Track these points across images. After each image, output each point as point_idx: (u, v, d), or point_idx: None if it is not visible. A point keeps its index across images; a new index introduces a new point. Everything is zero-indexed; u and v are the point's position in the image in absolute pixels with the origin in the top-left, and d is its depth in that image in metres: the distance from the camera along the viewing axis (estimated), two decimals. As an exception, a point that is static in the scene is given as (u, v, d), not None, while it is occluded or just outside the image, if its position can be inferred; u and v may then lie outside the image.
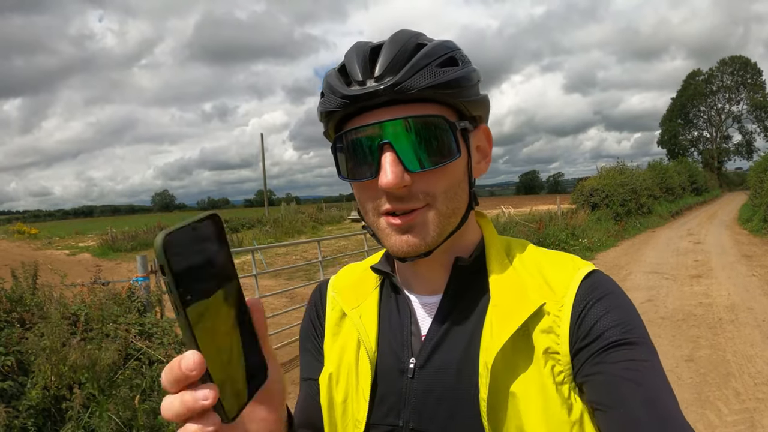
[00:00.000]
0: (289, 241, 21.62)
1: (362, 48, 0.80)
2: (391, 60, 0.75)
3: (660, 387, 0.71)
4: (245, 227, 29.76)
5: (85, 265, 18.82)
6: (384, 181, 0.75)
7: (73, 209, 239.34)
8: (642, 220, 22.52)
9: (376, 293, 0.94)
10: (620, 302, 0.80)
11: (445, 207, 0.80)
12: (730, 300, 8.39)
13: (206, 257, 0.52)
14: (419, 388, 0.83)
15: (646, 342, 0.76)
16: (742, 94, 64.62)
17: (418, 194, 0.78)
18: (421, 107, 0.77)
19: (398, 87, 0.74)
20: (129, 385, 3.78)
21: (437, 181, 0.79)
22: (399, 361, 0.86)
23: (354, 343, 0.91)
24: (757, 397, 4.73)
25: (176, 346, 4.50)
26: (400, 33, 0.81)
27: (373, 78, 0.76)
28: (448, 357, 0.83)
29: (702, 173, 45.01)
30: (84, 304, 4.38)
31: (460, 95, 0.79)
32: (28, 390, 3.53)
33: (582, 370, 0.75)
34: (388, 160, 0.76)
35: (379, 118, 0.76)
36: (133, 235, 26.33)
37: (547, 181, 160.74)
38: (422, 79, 0.75)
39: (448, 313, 0.86)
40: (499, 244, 0.90)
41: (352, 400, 0.88)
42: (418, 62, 0.76)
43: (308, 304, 1.06)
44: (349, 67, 0.79)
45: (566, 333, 0.76)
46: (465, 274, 0.87)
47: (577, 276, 0.81)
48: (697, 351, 6.08)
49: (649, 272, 11.24)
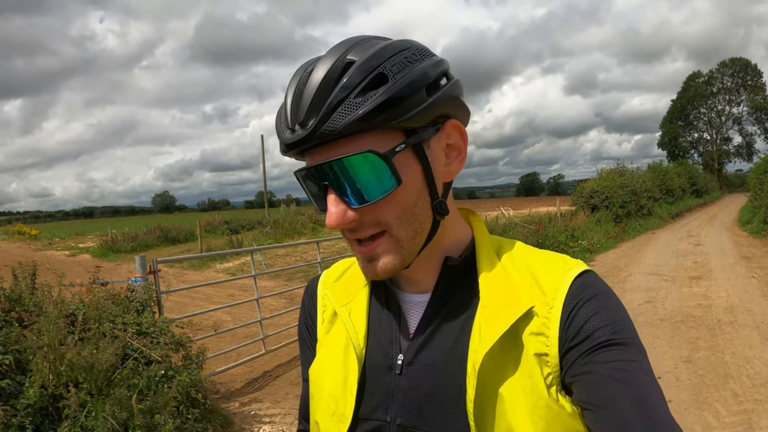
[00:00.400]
0: (289, 241, 21.63)
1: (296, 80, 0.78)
2: (311, 101, 0.73)
3: (649, 387, 0.71)
4: (245, 228, 29.73)
5: (85, 265, 18.83)
6: (328, 222, 0.76)
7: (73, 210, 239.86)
8: (642, 222, 22.49)
9: (366, 291, 0.95)
10: (610, 303, 0.79)
11: (404, 232, 0.80)
12: (729, 301, 8.39)
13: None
14: (407, 384, 0.84)
15: (635, 342, 0.76)
16: (743, 95, 64.64)
17: (369, 223, 0.79)
18: (351, 143, 0.74)
19: (318, 133, 0.72)
20: (126, 384, 3.79)
21: (386, 211, 0.78)
22: (387, 357, 0.87)
23: (343, 339, 0.92)
24: (755, 399, 4.73)
25: (173, 346, 4.50)
26: (330, 52, 0.77)
27: (299, 122, 0.75)
28: (435, 355, 0.83)
29: (702, 175, 44.99)
30: (82, 304, 4.38)
31: (394, 116, 0.73)
32: (26, 389, 3.53)
33: (571, 371, 0.75)
34: (330, 200, 0.77)
35: (315, 160, 0.76)
36: (133, 236, 26.30)
37: (547, 183, 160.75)
38: (340, 117, 0.72)
39: (437, 312, 0.86)
40: (489, 244, 0.89)
41: (338, 395, 0.89)
42: (335, 98, 0.72)
43: (302, 303, 1.07)
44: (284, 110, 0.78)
45: (556, 334, 0.77)
46: (454, 273, 0.87)
47: (568, 277, 0.81)
48: (696, 352, 6.07)
49: (649, 274, 11.24)
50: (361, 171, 0.74)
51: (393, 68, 0.74)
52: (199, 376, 4.47)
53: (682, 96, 67.85)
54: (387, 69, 0.73)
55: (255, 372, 6.32)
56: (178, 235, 27.53)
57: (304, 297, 1.07)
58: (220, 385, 5.77)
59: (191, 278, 14.55)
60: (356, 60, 0.74)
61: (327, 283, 1.01)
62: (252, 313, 8.66)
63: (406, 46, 0.77)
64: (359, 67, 0.73)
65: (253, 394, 5.59)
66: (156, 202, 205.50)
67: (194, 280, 14.04)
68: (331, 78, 0.73)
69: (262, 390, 5.72)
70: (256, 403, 5.33)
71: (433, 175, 0.80)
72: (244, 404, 5.28)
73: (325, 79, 0.73)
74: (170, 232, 27.48)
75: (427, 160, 0.79)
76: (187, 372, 4.24)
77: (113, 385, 3.74)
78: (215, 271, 15.89)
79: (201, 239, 23.00)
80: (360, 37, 0.79)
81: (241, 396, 5.53)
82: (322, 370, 0.93)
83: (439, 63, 0.78)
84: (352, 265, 1.01)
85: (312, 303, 1.03)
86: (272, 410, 5.11)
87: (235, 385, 5.88)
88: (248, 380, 6.04)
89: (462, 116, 0.84)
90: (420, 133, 0.77)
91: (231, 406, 5.21)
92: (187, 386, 4.12)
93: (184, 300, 10.34)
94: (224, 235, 27.19)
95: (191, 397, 4.19)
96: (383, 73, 0.73)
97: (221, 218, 33.17)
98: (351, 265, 1.02)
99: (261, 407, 5.20)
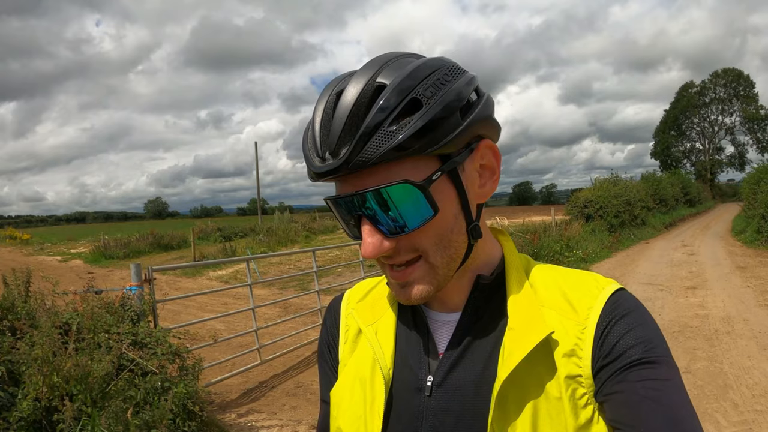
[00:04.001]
0: (283, 250, 21.59)
1: (323, 102, 0.76)
2: (342, 128, 0.71)
3: (681, 406, 0.70)
4: (238, 236, 29.70)
5: (77, 271, 18.76)
6: (365, 252, 0.75)
7: (65, 215, 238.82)
8: (636, 232, 22.57)
9: (393, 310, 0.93)
10: (642, 320, 0.78)
11: (440, 258, 0.78)
12: (725, 311, 8.40)
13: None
14: (436, 406, 0.82)
15: (668, 360, 0.74)
16: (735, 106, 64.95)
17: (406, 249, 0.77)
18: (385, 171, 0.72)
19: (351, 163, 0.70)
20: (122, 397, 3.72)
21: (423, 238, 0.76)
22: (416, 378, 0.85)
23: (369, 359, 0.89)
24: (755, 409, 4.72)
25: (170, 357, 4.44)
26: (360, 73, 0.74)
27: (330, 151, 0.72)
28: (466, 376, 0.81)
29: (695, 185, 45.25)
30: (76, 313, 4.31)
31: (430, 144, 0.71)
32: (19, 401, 3.47)
33: (603, 389, 0.74)
34: (366, 231, 0.75)
35: (347, 189, 0.74)
36: (125, 243, 26.18)
37: (540, 192, 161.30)
38: (375, 147, 0.69)
39: (467, 332, 0.84)
40: (518, 262, 0.88)
41: (365, 418, 0.86)
42: (368, 126, 0.70)
43: (323, 323, 1.05)
44: (312, 135, 0.76)
45: (589, 354, 0.75)
46: (485, 292, 0.85)
47: (601, 296, 0.79)
48: (695, 363, 6.07)
49: (644, 284, 11.25)
50: (398, 201, 0.73)
51: (426, 92, 0.71)
52: (195, 387, 4.41)
53: (675, 106, 68.22)
54: (420, 93, 0.71)
55: (250, 382, 6.26)
56: (171, 241, 27.45)
57: (326, 316, 1.05)
58: (216, 396, 5.70)
59: (184, 285, 14.47)
60: (388, 83, 0.71)
61: (351, 303, 0.99)
62: (246, 322, 8.61)
63: (438, 65, 0.75)
64: (392, 91, 0.70)
65: (249, 405, 5.52)
66: (148, 208, 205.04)
67: (187, 287, 13.98)
68: (362, 103, 0.71)
69: (258, 401, 5.66)
70: (252, 414, 5.27)
71: (468, 199, 0.79)
72: (241, 415, 5.22)
73: (356, 104, 0.71)
74: (163, 239, 27.39)
75: (462, 185, 0.78)
76: (183, 383, 4.18)
77: (108, 398, 3.67)
78: (208, 278, 15.82)
79: (194, 246, 22.92)
80: (390, 55, 0.77)
81: (237, 407, 5.47)
82: (345, 392, 0.91)
83: (471, 81, 0.77)
84: (378, 285, 1.00)
85: (334, 323, 1.01)
86: (269, 422, 5.05)
87: (230, 395, 5.82)
88: (244, 391, 5.98)
89: (494, 134, 0.83)
90: (454, 157, 0.76)
91: (227, 417, 5.15)
92: (183, 398, 4.06)
93: (178, 308, 10.27)
94: (217, 242, 27.16)
95: (188, 409, 4.12)
96: (417, 98, 0.71)
97: (214, 225, 33.12)
98: (376, 285, 1.00)
99: (258, 419, 5.14)
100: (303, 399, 5.66)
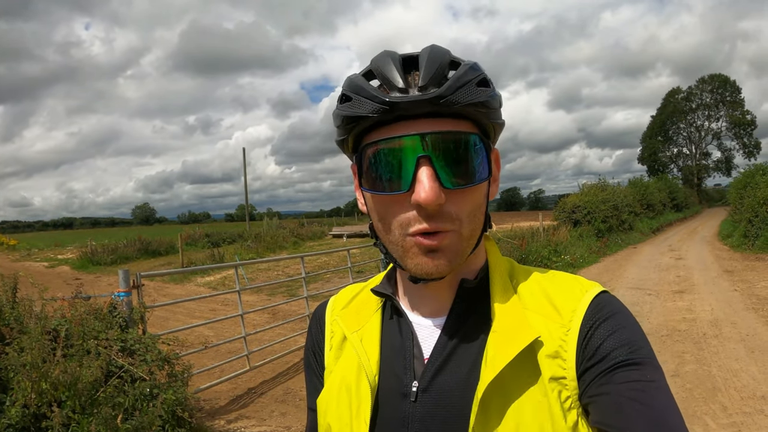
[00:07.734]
0: (271, 256, 21.52)
1: (396, 57, 0.77)
2: (434, 72, 0.73)
3: (667, 407, 0.70)
4: (226, 242, 29.55)
5: (65, 277, 18.63)
6: (422, 196, 0.72)
7: (52, 221, 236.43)
8: (623, 237, 22.67)
9: (377, 316, 0.93)
10: (626, 322, 0.79)
11: (468, 230, 0.79)
12: (713, 315, 8.45)
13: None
14: (422, 411, 0.81)
15: (652, 362, 0.75)
16: (722, 111, 65.40)
17: (447, 215, 0.76)
18: (457, 123, 0.75)
19: (443, 100, 0.72)
20: (111, 403, 3.69)
21: (465, 203, 0.77)
22: (401, 384, 0.85)
23: (355, 366, 0.89)
24: (744, 411, 4.75)
25: (159, 363, 4.41)
26: (434, 48, 0.78)
27: (416, 87, 0.73)
28: (451, 380, 0.81)
29: (682, 190, 45.54)
30: (65, 319, 4.28)
31: (491, 116, 0.78)
32: (7, 408, 3.43)
33: (587, 391, 0.74)
34: (426, 174, 0.73)
35: (417, 130, 0.74)
36: (113, 249, 25.98)
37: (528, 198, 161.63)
38: (464, 95, 0.73)
39: (452, 336, 0.84)
40: (502, 267, 0.89)
41: (351, 425, 0.86)
42: (460, 78, 0.74)
43: (308, 330, 1.05)
44: (386, 73, 0.75)
45: (573, 356, 0.76)
46: (469, 296, 0.85)
47: (585, 299, 0.80)
48: (683, 366, 6.10)
49: (632, 288, 11.30)
50: (467, 153, 0.76)
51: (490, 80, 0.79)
52: (184, 393, 4.38)
53: (661, 112, 68.64)
54: (488, 78, 0.78)
55: (239, 389, 6.22)
56: (159, 247, 27.31)
57: (310, 324, 1.05)
58: (205, 402, 5.66)
59: (172, 292, 14.39)
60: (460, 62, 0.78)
61: (336, 310, 0.99)
62: (234, 328, 8.57)
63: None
64: (472, 65, 0.77)
65: (238, 411, 5.49)
66: (136, 213, 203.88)
67: (175, 293, 13.91)
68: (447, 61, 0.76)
69: (247, 407, 5.62)
70: (242, 420, 5.24)
71: (489, 188, 0.83)
72: (230, 422, 5.19)
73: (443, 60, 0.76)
74: (151, 245, 27.24)
75: (492, 170, 0.82)
76: (172, 390, 4.15)
77: (97, 404, 3.64)
78: (196, 284, 15.73)
79: (182, 252, 22.81)
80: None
81: (226, 414, 5.43)
82: (331, 399, 0.91)
83: None
84: (362, 291, 0.99)
85: (320, 330, 1.01)
86: (258, 428, 5.03)
87: (219, 402, 5.78)
88: (233, 397, 5.94)
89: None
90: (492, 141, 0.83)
91: (216, 424, 5.11)
92: (172, 404, 4.03)
93: (165, 314, 10.19)
94: (205, 248, 27.00)
95: (177, 415, 4.09)
96: (486, 79, 0.78)
97: (202, 231, 32.93)
98: (360, 291, 1.00)
99: (247, 425, 5.11)
100: (292, 405, 5.63)
